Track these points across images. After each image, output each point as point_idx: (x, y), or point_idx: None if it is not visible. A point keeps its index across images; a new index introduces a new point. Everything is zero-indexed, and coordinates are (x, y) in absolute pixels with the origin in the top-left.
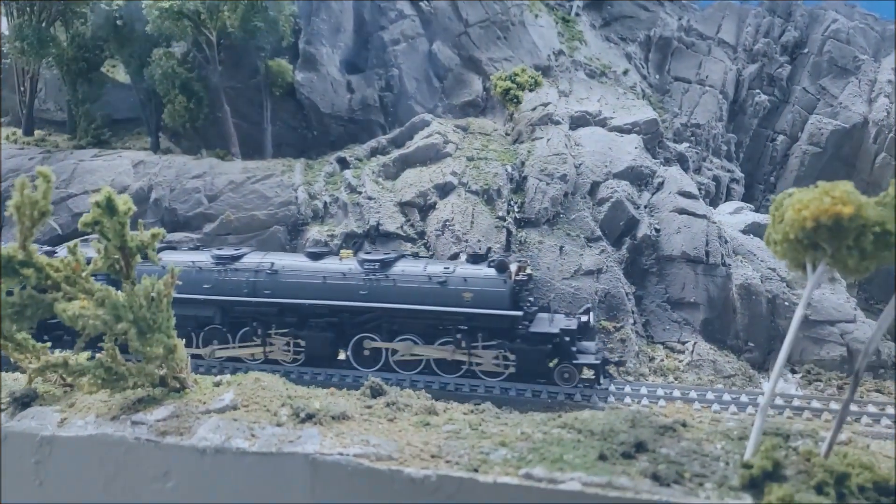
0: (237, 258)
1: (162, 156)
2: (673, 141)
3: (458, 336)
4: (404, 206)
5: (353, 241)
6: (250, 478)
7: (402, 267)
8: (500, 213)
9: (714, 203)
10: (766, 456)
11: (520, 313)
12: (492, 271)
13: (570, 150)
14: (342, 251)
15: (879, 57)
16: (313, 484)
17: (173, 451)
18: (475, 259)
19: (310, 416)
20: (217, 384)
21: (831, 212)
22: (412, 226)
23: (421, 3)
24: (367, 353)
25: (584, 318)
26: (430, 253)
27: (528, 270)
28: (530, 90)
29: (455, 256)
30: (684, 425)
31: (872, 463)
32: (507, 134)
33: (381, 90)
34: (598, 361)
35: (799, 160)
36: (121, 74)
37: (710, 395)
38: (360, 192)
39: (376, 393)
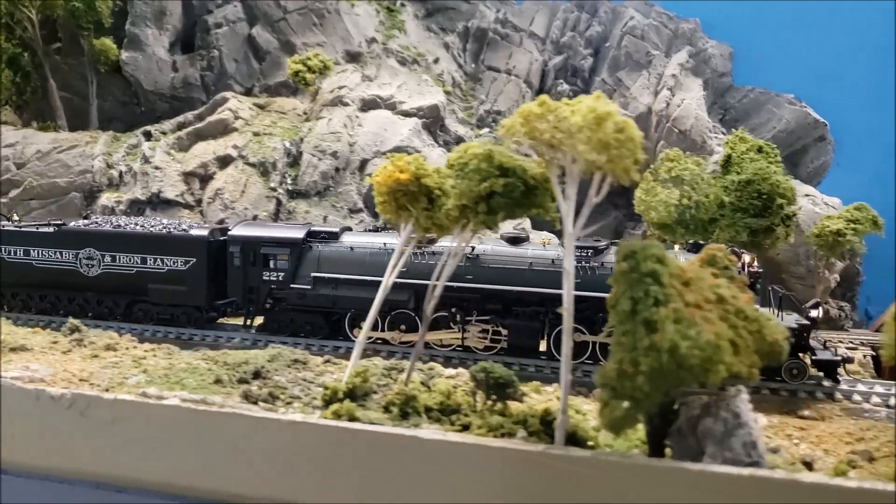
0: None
1: None
2: (477, 126)
3: None
4: (187, 176)
5: (136, 208)
6: None
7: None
8: (273, 185)
9: None
10: (350, 380)
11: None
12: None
13: (349, 129)
14: (541, 238)
15: (671, 52)
16: None
17: None
18: (695, 248)
19: None
20: None
21: (393, 178)
22: (192, 194)
23: None
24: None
25: (813, 314)
26: (204, 219)
27: (757, 264)
28: (320, 73)
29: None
30: (305, 363)
31: (446, 391)
32: (305, 113)
33: (202, 70)
34: (838, 358)
35: None
36: None
37: None
38: (150, 163)
39: (73, 331)
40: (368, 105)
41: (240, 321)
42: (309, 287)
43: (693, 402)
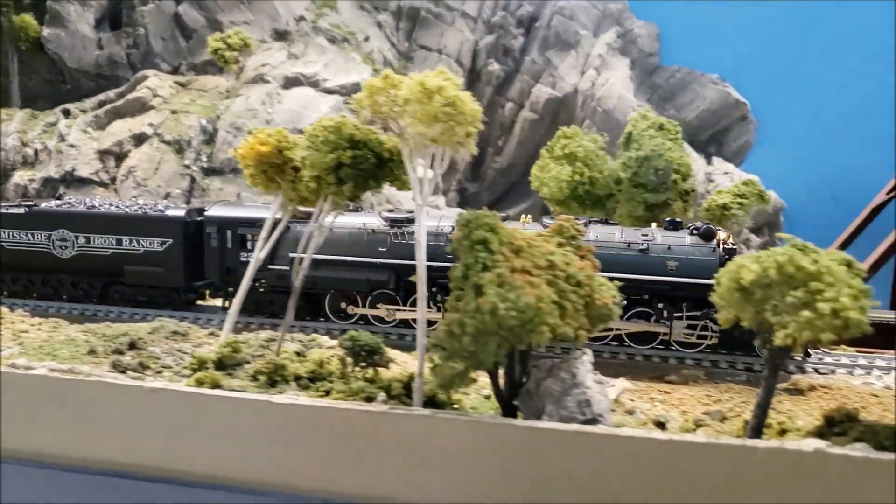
0: (411, 221)
1: None
2: None
3: (661, 306)
4: (103, 154)
5: (50, 186)
6: None
7: (595, 233)
8: (187, 162)
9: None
10: (219, 350)
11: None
12: (697, 239)
13: (268, 106)
14: (522, 216)
15: (600, 32)
16: None
17: None
18: (673, 226)
19: None
20: None
21: (254, 150)
22: (107, 172)
23: None
24: None
25: None
26: (118, 198)
27: (732, 241)
28: (241, 51)
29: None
30: (185, 335)
31: (319, 360)
32: (227, 91)
33: (128, 48)
34: None
35: (521, 126)
36: None
37: None
38: (65, 141)
39: None
40: (291, 83)
41: (219, 303)
42: (288, 268)
43: (542, 364)
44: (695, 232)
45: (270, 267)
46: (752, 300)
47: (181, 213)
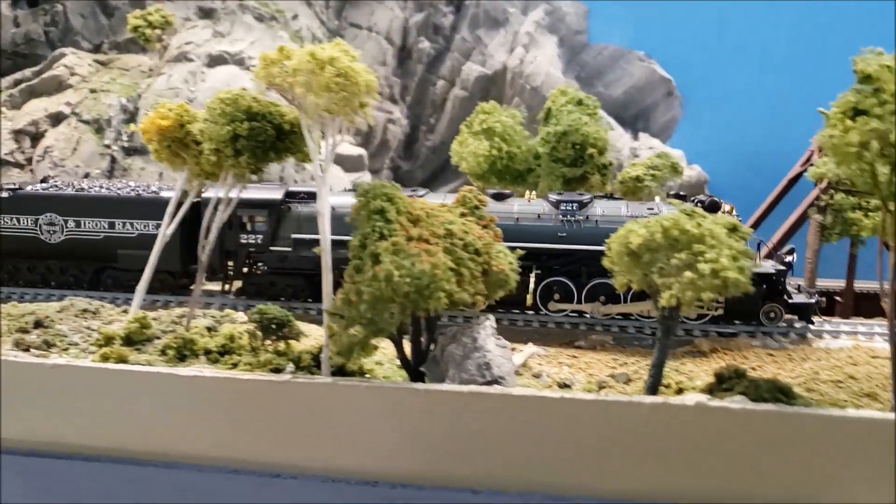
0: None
1: None
2: None
3: None
4: (17, 134)
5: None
6: None
7: (601, 208)
8: (107, 142)
9: (367, 139)
10: (126, 326)
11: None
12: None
13: (190, 85)
14: (527, 193)
15: (528, 10)
16: None
17: None
18: (678, 199)
19: None
20: None
21: (155, 125)
22: (22, 152)
23: None
24: (556, 298)
25: (788, 259)
26: (34, 178)
27: (735, 213)
28: (163, 29)
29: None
30: (96, 312)
31: (230, 334)
32: (151, 70)
33: (46, 25)
34: (812, 301)
35: (452, 104)
36: None
37: None
38: None
39: None
40: (215, 61)
41: (217, 286)
42: (289, 249)
43: (448, 331)
44: (699, 204)
45: (271, 249)
46: (641, 263)
47: (170, 194)
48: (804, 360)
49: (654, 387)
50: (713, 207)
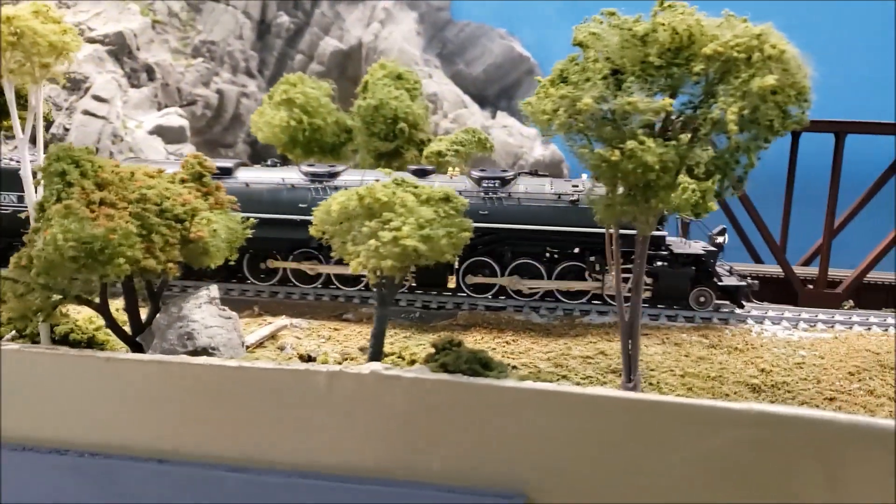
0: (334, 175)
1: None
2: (192, 56)
3: (592, 259)
4: None
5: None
6: None
7: (524, 185)
8: None
9: (218, 113)
10: None
11: (665, 233)
12: None
13: None
14: (450, 169)
15: None
16: None
17: None
18: (537, 176)
19: None
20: None
21: None
22: None
23: None
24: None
25: (719, 240)
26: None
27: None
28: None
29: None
30: None
31: None
32: None
33: None
34: (743, 284)
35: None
36: None
37: None
38: None
39: None
40: None
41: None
42: None
43: (170, 302)
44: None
45: None
46: (341, 231)
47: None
48: (560, 336)
49: (375, 356)
50: None
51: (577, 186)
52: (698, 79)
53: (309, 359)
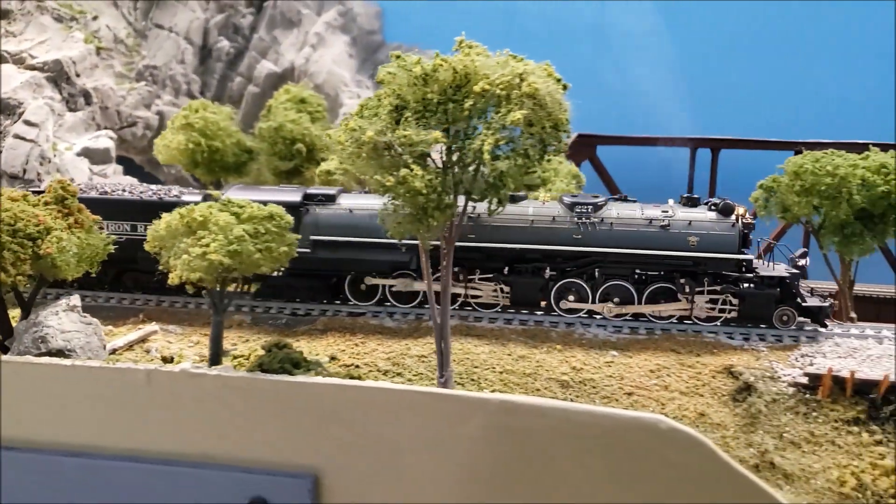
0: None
1: None
2: (136, 80)
3: (682, 282)
4: None
5: None
6: None
7: (616, 210)
8: None
9: (158, 133)
10: None
11: (751, 257)
12: (716, 214)
13: None
14: (541, 195)
15: (323, 11)
16: None
17: None
18: (691, 202)
19: None
20: None
21: None
22: None
23: None
24: (571, 298)
25: (801, 262)
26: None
27: (749, 216)
28: None
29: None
30: None
31: None
32: None
33: None
34: (826, 304)
35: (246, 100)
36: None
37: None
38: None
39: None
40: None
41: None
42: (308, 251)
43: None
44: (713, 207)
45: None
46: (167, 247)
47: (198, 198)
48: (404, 338)
49: (213, 358)
50: (726, 210)
51: (667, 211)
52: (469, 113)
53: (170, 360)
